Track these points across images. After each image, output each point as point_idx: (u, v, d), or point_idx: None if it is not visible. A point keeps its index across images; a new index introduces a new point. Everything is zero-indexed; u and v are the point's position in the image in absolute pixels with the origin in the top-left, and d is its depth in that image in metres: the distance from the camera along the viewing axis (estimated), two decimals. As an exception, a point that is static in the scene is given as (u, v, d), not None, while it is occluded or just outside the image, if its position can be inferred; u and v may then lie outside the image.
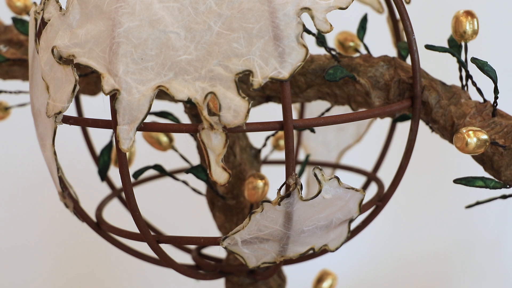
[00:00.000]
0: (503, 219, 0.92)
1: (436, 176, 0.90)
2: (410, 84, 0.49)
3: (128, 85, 0.41)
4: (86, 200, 0.59)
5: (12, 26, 0.59)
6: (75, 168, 0.74)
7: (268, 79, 0.41)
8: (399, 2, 0.48)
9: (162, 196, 0.87)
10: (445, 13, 0.62)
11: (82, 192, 0.59)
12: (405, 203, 0.87)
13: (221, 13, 0.41)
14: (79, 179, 0.68)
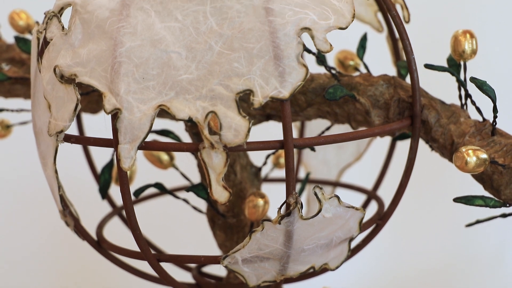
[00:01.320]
0: (503, 237, 0.92)
1: (436, 194, 0.90)
2: (410, 103, 0.49)
3: (129, 104, 0.42)
4: (87, 218, 0.59)
5: (14, 44, 0.60)
6: (76, 186, 0.74)
7: (268, 99, 0.41)
8: (398, 22, 0.48)
9: (162, 213, 0.87)
10: (444, 32, 0.62)
11: (83, 210, 0.59)
12: (405, 221, 0.87)
13: (222, 33, 0.42)
14: (80, 197, 0.68)
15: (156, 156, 0.55)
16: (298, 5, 0.42)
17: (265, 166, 0.63)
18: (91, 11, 0.43)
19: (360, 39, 0.55)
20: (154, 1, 0.43)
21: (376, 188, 0.61)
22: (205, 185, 0.52)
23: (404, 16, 0.53)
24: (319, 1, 0.43)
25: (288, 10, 0.42)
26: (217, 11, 0.42)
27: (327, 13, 0.42)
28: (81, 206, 0.60)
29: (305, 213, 0.53)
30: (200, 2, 0.42)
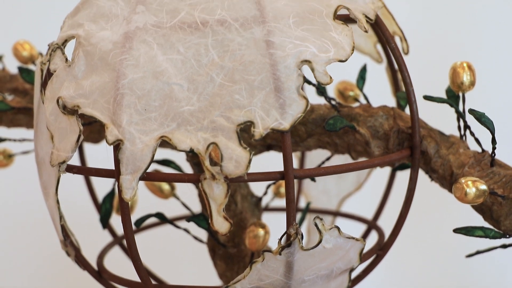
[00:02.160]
0: (503, 267, 0.92)
1: (436, 225, 0.90)
2: (409, 134, 0.50)
3: (131, 135, 0.42)
4: (88, 248, 0.59)
5: (18, 75, 0.60)
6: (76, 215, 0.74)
7: (269, 130, 0.42)
8: (397, 54, 0.49)
9: (163, 243, 0.87)
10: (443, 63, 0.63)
11: (84, 239, 0.59)
12: (405, 251, 0.87)
13: (223, 65, 0.42)
14: (81, 226, 0.68)
15: (157, 186, 0.55)
16: (298, 38, 0.43)
17: (266, 196, 0.63)
18: (95, 44, 0.44)
19: (360, 70, 0.55)
20: (156, 34, 0.43)
21: (377, 218, 0.61)
22: (206, 215, 0.52)
23: (403, 47, 0.54)
24: (319, 34, 0.43)
25: (289, 43, 0.42)
26: (218, 44, 0.43)
27: (327, 45, 0.43)
28: (82, 235, 0.60)
29: (305, 243, 0.53)
30: (202, 35, 0.43)
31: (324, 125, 0.49)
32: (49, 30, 0.68)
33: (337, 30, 0.44)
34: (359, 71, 0.55)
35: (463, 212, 0.65)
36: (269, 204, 0.65)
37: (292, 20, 0.43)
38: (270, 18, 0.43)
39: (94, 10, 0.46)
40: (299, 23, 0.43)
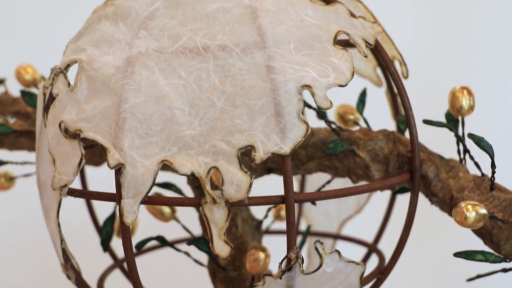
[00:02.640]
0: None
1: (437, 248, 0.90)
2: (409, 157, 0.50)
3: (133, 159, 0.42)
4: (88, 271, 0.59)
5: (20, 98, 0.61)
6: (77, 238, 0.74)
7: (270, 154, 0.42)
8: (397, 78, 0.49)
9: (163, 266, 0.87)
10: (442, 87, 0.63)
11: (84, 262, 0.59)
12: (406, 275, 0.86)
13: (224, 90, 0.43)
14: (81, 249, 0.68)
15: (158, 209, 0.56)
16: (298, 63, 0.43)
17: (266, 219, 0.63)
18: (97, 68, 0.45)
19: (360, 94, 0.56)
20: (158, 59, 0.44)
21: (377, 241, 0.61)
22: (206, 239, 0.52)
23: (403, 72, 0.55)
24: (319, 59, 0.44)
25: (289, 68, 0.43)
26: (219, 69, 0.43)
27: (327, 71, 0.43)
28: (83, 258, 0.60)
29: (306, 266, 0.53)
30: (203, 60, 0.43)
31: (325, 149, 0.49)
32: (51, 54, 0.69)
33: (337, 55, 0.44)
34: (359, 95, 0.56)
35: (463, 236, 0.65)
36: (269, 227, 0.65)
37: (293, 45, 0.44)
38: (270, 44, 0.44)
39: (96, 35, 0.47)
40: (300, 48, 0.44)
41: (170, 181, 0.57)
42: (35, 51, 0.93)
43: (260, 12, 0.45)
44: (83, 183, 0.59)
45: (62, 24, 0.90)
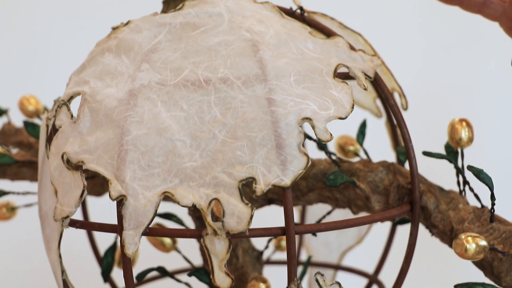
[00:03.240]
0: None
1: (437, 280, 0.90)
2: (409, 189, 0.50)
3: (134, 191, 0.43)
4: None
5: (23, 129, 0.61)
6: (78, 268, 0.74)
7: (270, 186, 0.42)
8: (396, 111, 0.50)
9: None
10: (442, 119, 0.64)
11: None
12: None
13: (225, 122, 0.43)
14: (82, 279, 0.68)
15: (159, 239, 0.56)
16: (299, 96, 0.44)
17: (267, 249, 0.63)
18: (100, 101, 0.45)
19: (360, 125, 0.56)
20: (160, 92, 0.44)
21: (378, 272, 0.61)
22: (207, 270, 0.52)
23: (402, 103, 0.55)
24: (320, 92, 0.44)
25: (290, 101, 0.43)
26: (221, 101, 0.44)
27: (327, 103, 0.44)
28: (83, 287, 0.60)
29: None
30: (205, 92, 0.44)
31: (325, 180, 0.50)
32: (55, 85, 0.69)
33: (337, 88, 0.45)
34: (359, 126, 0.56)
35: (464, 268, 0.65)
36: (270, 258, 0.65)
37: (293, 78, 0.44)
38: (271, 76, 0.44)
39: (100, 67, 0.47)
40: (300, 81, 0.44)
41: (171, 212, 0.57)
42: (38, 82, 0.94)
43: (261, 46, 0.45)
44: (84, 213, 0.59)
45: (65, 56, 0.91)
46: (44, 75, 0.96)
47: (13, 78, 0.96)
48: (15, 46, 0.98)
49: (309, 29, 0.48)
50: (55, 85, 0.69)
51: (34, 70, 0.97)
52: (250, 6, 0.48)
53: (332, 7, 0.67)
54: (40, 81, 0.94)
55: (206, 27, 0.47)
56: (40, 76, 0.96)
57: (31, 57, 0.98)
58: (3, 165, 0.58)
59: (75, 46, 0.82)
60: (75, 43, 0.93)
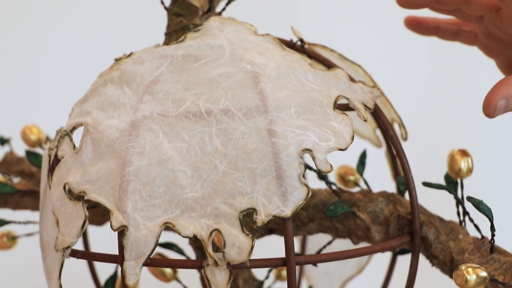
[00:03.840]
0: None
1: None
2: (409, 219, 0.50)
3: (136, 221, 0.43)
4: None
5: (25, 158, 0.62)
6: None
7: (271, 217, 0.42)
8: (396, 142, 0.50)
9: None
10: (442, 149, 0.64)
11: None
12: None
13: (226, 153, 0.44)
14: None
15: (159, 269, 0.56)
16: (299, 127, 0.44)
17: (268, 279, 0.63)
18: (102, 131, 0.46)
19: (360, 155, 0.56)
20: (162, 123, 0.45)
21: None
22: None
23: (402, 134, 0.55)
24: (320, 123, 0.45)
25: (290, 132, 0.44)
26: (222, 132, 0.44)
27: (328, 135, 0.44)
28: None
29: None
30: (206, 124, 0.44)
31: (325, 211, 0.50)
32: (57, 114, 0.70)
33: (337, 119, 0.45)
34: (359, 157, 0.57)
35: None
36: (271, 287, 0.65)
37: (294, 109, 0.45)
38: (272, 108, 0.45)
39: (102, 98, 0.48)
40: (300, 112, 0.45)
41: (172, 241, 0.57)
42: (41, 112, 0.95)
43: (262, 78, 0.46)
44: (85, 243, 0.59)
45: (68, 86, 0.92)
46: (47, 104, 0.97)
47: (16, 107, 0.97)
48: (18, 75, 0.99)
49: (310, 61, 0.49)
50: (57, 114, 0.70)
51: (37, 99, 0.98)
52: (251, 38, 0.49)
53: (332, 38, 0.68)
54: (42, 111, 0.95)
55: (208, 59, 0.47)
56: (43, 106, 0.97)
57: (34, 87, 0.99)
58: (4, 194, 0.59)
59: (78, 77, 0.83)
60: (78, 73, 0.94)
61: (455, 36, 0.58)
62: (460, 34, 0.58)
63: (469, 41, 0.58)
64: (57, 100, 0.95)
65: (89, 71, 0.61)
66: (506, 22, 0.51)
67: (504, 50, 0.55)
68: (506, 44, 0.55)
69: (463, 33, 0.58)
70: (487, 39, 0.56)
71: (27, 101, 0.98)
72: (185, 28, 0.51)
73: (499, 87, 0.47)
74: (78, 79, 0.77)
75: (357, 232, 0.52)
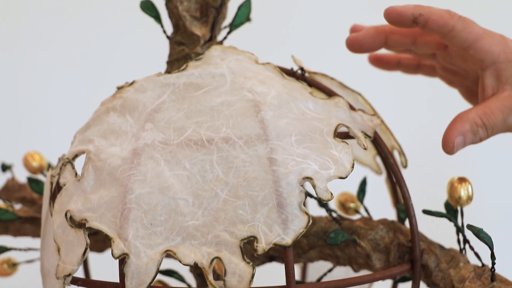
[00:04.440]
0: None
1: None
2: (410, 247, 0.50)
3: (137, 249, 0.43)
4: None
5: (26, 184, 0.62)
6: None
7: (272, 245, 0.42)
8: (396, 170, 0.50)
9: None
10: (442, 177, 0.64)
11: None
12: None
13: (227, 181, 0.44)
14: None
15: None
16: (300, 155, 0.44)
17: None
18: (104, 159, 0.46)
19: (360, 183, 0.57)
20: (164, 151, 0.45)
21: (379, 330, 0.60)
22: (208, 328, 0.52)
23: (402, 161, 0.56)
24: (320, 152, 0.45)
25: (291, 160, 0.44)
26: (223, 161, 0.44)
27: (328, 163, 0.45)
28: None
29: None
30: (207, 152, 0.45)
31: (326, 238, 0.50)
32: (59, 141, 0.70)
33: (337, 147, 0.45)
34: (359, 184, 0.57)
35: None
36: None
37: (294, 138, 0.45)
38: (273, 136, 0.45)
39: (104, 126, 0.48)
40: (301, 141, 0.45)
41: (173, 268, 0.57)
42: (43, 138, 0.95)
43: (263, 106, 0.46)
44: (85, 270, 0.59)
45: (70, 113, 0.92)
46: (49, 131, 0.97)
47: (18, 133, 0.98)
48: (21, 102, 0.99)
49: (310, 89, 0.49)
50: (59, 141, 0.70)
51: (39, 126, 0.99)
52: (252, 67, 0.50)
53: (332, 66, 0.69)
54: (44, 137, 0.96)
55: (209, 87, 0.48)
56: (45, 132, 0.98)
57: (37, 113, 1.00)
58: (5, 221, 0.59)
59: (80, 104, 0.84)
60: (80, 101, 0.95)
61: (416, 70, 0.61)
62: (420, 68, 0.61)
63: (430, 73, 0.61)
64: (59, 127, 0.96)
65: (92, 99, 0.62)
66: (454, 58, 0.54)
67: (463, 81, 0.57)
68: (463, 76, 0.57)
69: (423, 67, 0.61)
70: (444, 72, 0.58)
71: (29, 127, 0.99)
72: (187, 56, 0.52)
73: (454, 124, 0.50)
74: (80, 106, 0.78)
75: (358, 260, 0.52)
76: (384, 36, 0.55)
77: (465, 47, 0.51)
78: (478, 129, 0.50)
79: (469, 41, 0.50)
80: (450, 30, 0.50)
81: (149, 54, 0.84)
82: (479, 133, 0.50)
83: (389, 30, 0.55)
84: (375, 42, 0.55)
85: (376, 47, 0.56)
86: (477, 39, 0.50)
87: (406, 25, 0.51)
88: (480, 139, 0.50)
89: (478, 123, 0.49)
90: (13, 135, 0.97)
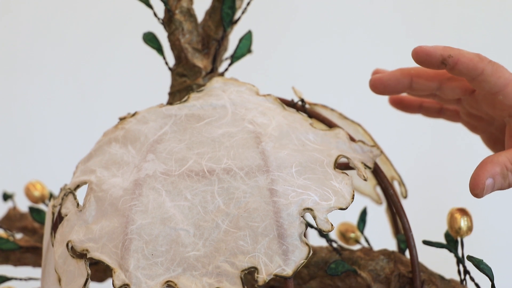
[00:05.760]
0: None
1: None
2: (410, 278, 0.50)
3: (138, 280, 0.43)
4: None
5: (28, 214, 0.62)
6: None
7: (272, 276, 0.43)
8: (396, 200, 0.51)
9: None
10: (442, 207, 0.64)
11: None
12: None
13: (228, 212, 0.44)
14: None
15: (160, 327, 0.55)
16: (300, 186, 0.45)
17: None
18: (106, 190, 0.46)
19: (360, 213, 0.57)
20: (165, 181, 0.45)
21: None
22: None
23: (402, 192, 0.56)
24: (320, 183, 0.45)
25: (291, 191, 0.44)
26: (224, 191, 0.45)
27: (328, 194, 0.45)
28: None
29: None
30: (209, 182, 0.45)
31: (326, 269, 0.50)
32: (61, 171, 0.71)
33: (338, 178, 0.46)
34: (360, 214, 0.57)
35: None
36: None
37: (295, 169, 0.46)
38: (273, 167, 0.45)
39: (106, 157, 0.49)
40: (301, 172, 0.46)
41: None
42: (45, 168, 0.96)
43: (264, 137, 0.47)
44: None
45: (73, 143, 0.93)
46: (51, 161, 0.98)
47: (20, 163, 0.98)
48: (23, 131, 1.00)
49: (310, 121, 0.50)
50: (61, 171, 0.71)
51: (41, 155, 0.99)
52: (253, 98, 0.50)
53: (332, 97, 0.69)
54: (46, 167, 0.96)
55: (211, 119, 0.48)
56: (47, 162, 0.98)
57: (39, 143, 1.00)
58: (6, 250, 0.59)
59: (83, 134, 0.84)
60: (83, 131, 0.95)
61: (439, 114, 0.60)
62: (443, 113, 0.59)
63: (453, 118, 0.59)
64: (61, 156, 0.96)
65: (94, 129, 0.62)
66: (481, 103, 0.53)
67: (487, 127, 0.56)
68: (488, 122, 0.56)
69: (445, 111, 0.59)
70: (468, 117, 0.57)
71: (31, 156, 0.99)
72: (189, 88, 0.52)
73: (484, 166, 0.48)
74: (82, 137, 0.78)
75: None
76: (409, 79, 0.53)
77: (494, 92, 0.49)
78: (508, 173, 0.48)
79: (498, 86, 0.49)
80: (479, 73, 0.49)
81: (151, 85, 0.85)
82: (509, 177, 0.48)
83: (414, 73, 0.53)
84: (399, 84, 0.53)
85: (400, 89, 0.54)
86: (507, 84, 0.49)
87: (434, 66, 0.49)
88: (509, 185, 0.48)
89: (509, 167, 0.48)
90: (15, 164, 0.97)
